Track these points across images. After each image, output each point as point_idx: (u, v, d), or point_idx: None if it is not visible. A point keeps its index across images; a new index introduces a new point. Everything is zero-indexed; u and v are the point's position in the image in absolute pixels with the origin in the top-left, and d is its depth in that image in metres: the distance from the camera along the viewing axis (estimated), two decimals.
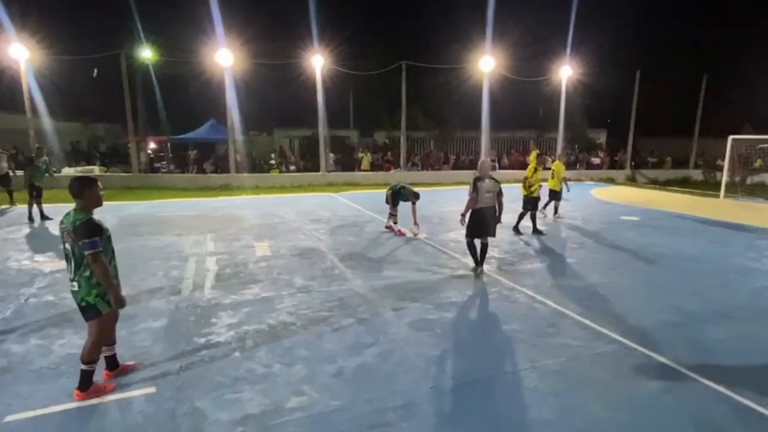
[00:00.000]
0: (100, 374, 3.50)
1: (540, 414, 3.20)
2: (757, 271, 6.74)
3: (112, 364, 3.60)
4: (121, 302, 3.31)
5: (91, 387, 3.31)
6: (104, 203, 3.38)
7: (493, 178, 6.12)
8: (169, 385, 3.49)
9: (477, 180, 6.04)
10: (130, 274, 6.14)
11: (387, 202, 9.20)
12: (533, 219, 9.28)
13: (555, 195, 10.73)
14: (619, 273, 6.65)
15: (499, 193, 6.14)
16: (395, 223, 9.15)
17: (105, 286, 3.19)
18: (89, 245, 3.08)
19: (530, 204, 9.28)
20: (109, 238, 3.32)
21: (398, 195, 9.02)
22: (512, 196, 9.11)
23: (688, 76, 23.96)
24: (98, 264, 3.11)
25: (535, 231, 9.12)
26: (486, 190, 6.05)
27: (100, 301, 3.24)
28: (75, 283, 3.22)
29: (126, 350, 4.04)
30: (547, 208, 10.99)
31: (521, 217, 9.24)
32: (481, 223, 6.17)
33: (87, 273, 3.18)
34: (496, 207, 6.18)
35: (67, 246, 3.20)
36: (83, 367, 3.27)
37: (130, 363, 3.74)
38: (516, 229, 9.14)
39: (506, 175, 21.24)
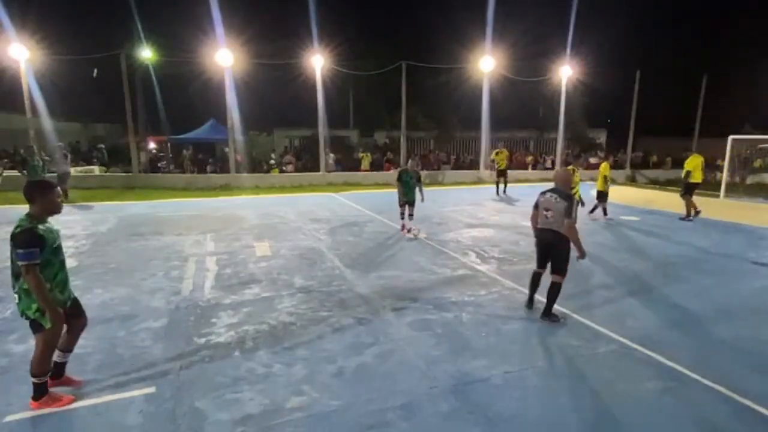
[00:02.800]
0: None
1: (540, 414, 3.20)
2: (757, 271, 6.74)
3: (58, 372, 3.38)
4: (54, 320, 3.01)
5: (46, 396, 3.17)
6: (105, 203, 3.36)
7: (558, 193, 4.72)
8: (169, 385, 3.49)
9: (569, 197, 4.70)
10: (130, 274, 6.14)
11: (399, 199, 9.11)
12: None
13: (603, 196, 10.69)
14: (619, 273, 6.65)
15: (568, 211, 4.54)
16: (402, 218, 9.13)
17: (40, 302, 2.96)
18: (23, 256, 2.87)
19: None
20: (56, 249, 3.10)
21: (402, 175, 8.95)
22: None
23: (688, 76, 23.97)
24: (31, 276, 2.88)
25: None
26: (545, 206, 4.80)
27: (40, 316, 3.02)
28: (16, 296, 3.03)
29: (126, 350, 4.04)
30: (596, 211, 10.88)
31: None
32: (539, 248, 5.06)
33: (25, 285, 2.97)
34: (558, 230, 4.66)
35: (10, 253, 3.01)
36: (33, 379, 3.12)
37: (77, 379, 3.47)
38: None
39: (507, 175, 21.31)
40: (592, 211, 10.82)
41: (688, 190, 10.98)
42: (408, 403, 3.31)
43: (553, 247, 4.77)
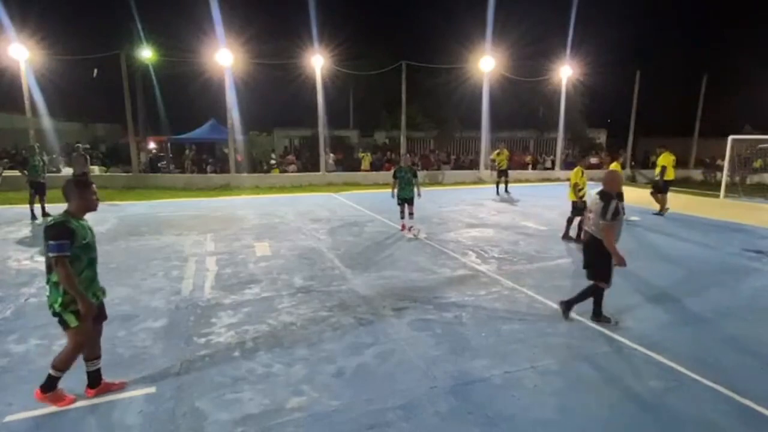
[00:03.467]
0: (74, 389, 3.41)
1: (540, 414, 3.21)
2: (757, 271, 6.74)
3: (95, 380, 3.35)
4: (87, 311, 3.03)
5: (52, 392, 3.18)
6: (104, 203, 3.35)
7: (600, 194, 4.53)
8: (169, 385, 3.49)
9: (609, 197, 4.47)
10: (130, 274, 6.14)
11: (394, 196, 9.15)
12: (570, 224, 8.59)
13: (619, 197, 10.60)
14: (619, 273, 6.61)
15: (603, 212, 4.36)
16: (402, 217, 9.13)
17: (70, 294, 2.99)
18: (53, 247, 2.92)
19: (582, 208, 8.43)
20: (87, 246, 3.11)
21: (398, 172, 8.99)
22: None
23: (688, 76, 23.97)
24: (60, 268, 2.92)
25: (568, 237, 8.51)
26: (589, 208, 4.71)
27: (65, 311, 3.04)
28: (47, 288, 3.08)
29: (126, 350, 4.04)
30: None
31: (570, 222, 8.56)
32: (582, 251, 4.85)
33: (55, 278, 3.01)
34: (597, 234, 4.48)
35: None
36: (50, 371, 3.15)
37: (116, 382, 3.46)
38: (569, 237, 8.46)
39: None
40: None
41: (665, 187, 11.14)
42: (408, 403, 3.31)
43: (590, 251, 4.60)
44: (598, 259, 4.49)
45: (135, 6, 22.89)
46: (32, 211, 10.17)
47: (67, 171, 17.69)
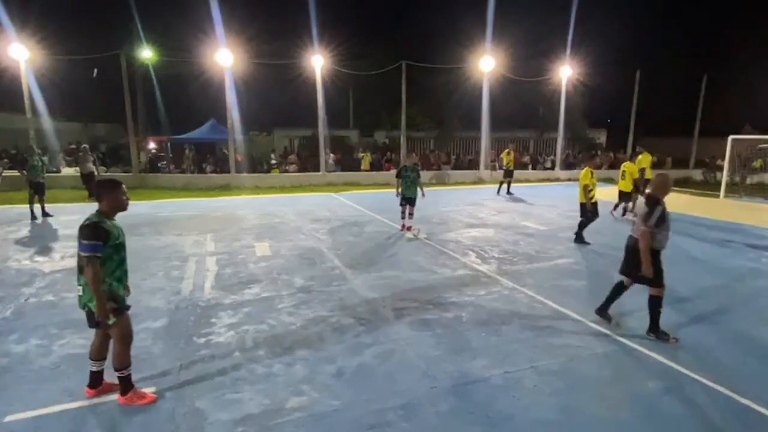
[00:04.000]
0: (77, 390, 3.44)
1: (540, 414, 3.21)
2: (757, 271, 6.74)
3: (96, 381, 3.35)
4: (102, 315, 3.03)
5: (132, 391, 3.26)
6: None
7: (647, 197, 4.44)
8: (169, 385, 3.49)
9: (655, 202, 4.29)
10: (130, 274, 6.12)
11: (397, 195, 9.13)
12: (583, 228, 8.36)
13: (627, 197, 10.75)
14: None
15: (646, 217, 4.23)
16: (403, 218, 9.13)
17: (92, 293, 3.01)
18: (85, 247, 2.97)
19: (592, 212, 8.26)
20: (119, 245, 3.19)
21: (402, 171, 9.00)
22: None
23: (688, 76, 23.98)
24: (90, 268, 2.96)
25: (583, 241, 8.27)
26: (635, 212, 4.68)
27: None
28: (80, 287, 3.12)
29: None
30: (617, 210, 10.99)
31: (584, 226, 8.33)
32: (624, 252, 4.62)
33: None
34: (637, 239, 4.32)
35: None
36: (117, 375, 3.23)
37: (116, 383, 3.37)
38: (581, 240, 8.27)
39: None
40: (615, 208, 10.95)
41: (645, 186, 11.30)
42: (408, 403, 3.31)
43: (631, 254, 4.39)
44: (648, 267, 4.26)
45: (135, 6, 22.92)
46: (32, 211, 10.17)
47: (67, 171, 17.74)
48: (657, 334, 4.38)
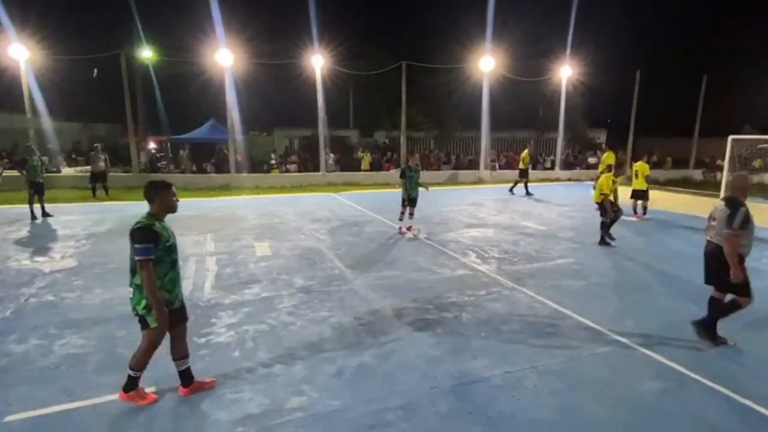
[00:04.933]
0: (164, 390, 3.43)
1: (540, 414, 3.21)
2: (757, 271, 6.73)
3: (187, 378, 3.39)
4: (159, 318, 3.07)
5: (134, 390, 3.25)
6: (105, 203, 3.34)
7: (726, 200, 4.23)
8: (169, 385, 3.49)
9: (737, 204, 4.08)
10: (129, 274, 6.12)
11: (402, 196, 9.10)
12: (607, 228, 8.23)
13: (644, 195, 10.84)
14: (619, 273, 6.65)
15: (729, 220, 3.99)
16: (401, 219, 9.12)
17: (148, 297, 3.05)
18: (140, 251, 2.99)
19: (616, 210, 8.22)
20: (170, 247, 3.18)
21: (406, 171, 8.98)
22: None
23: (688, 76, 23.97)
24: (144, 272, 2.99)
25: (604, 240, 8.18)
26: (713, 215, 4.29)
27: (148, 313, 3.09)
28: (131, 290, 3.14)
29: (126, 350, 4.03)
30: (639, 211, 11.06)
31: (607, 226, 8.18)
32: (704, 262, 4.38)
33: (138, 281, 3.08)
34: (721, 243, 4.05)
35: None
36: (129, 372, 3.21)
37: (209, 380, 3.50)
38: (605, 241, 8.14)
39: (505, 175, 21.31)
40: (640, 210, 11.02)
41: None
42: (408, 403, 3.31)
43: (717, 262, 4.12)
44: (726, 270, 4.02)
45: (135, 6, 22.89)
46: (32, 211, 10.17)
47: (67, 171, 17.74)
48: (711, 337, 4.22)
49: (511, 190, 15.71)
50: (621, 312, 5.05)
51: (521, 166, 15.62)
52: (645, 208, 11.02)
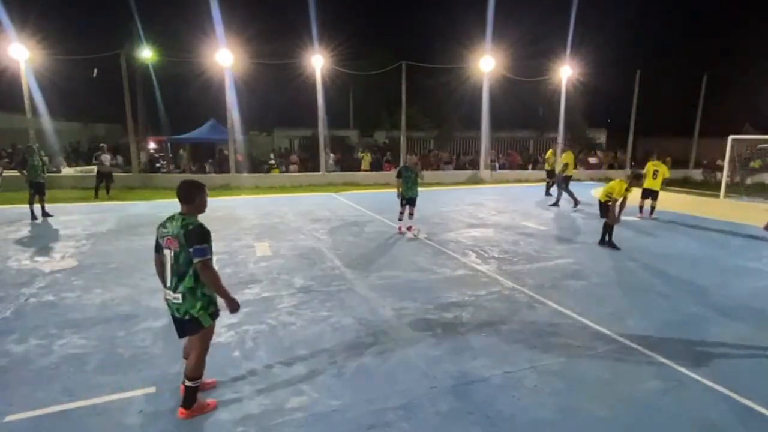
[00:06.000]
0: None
1: (540, 414, 3.21)
2: (757, 271, 6.74)
3: (193, 400, 3.20)
4: (234, 305, 3.06)
5: (196, 404, 3.14)
6: (105, 203, 3.35)
7: None
8: (169, 385, 3.49)
9: None
10: (130, 274, 6.14)
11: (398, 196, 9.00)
12: (610, 230, 7.98)
13: (656, 195, 10.97)
14: (619, 273, 6.65)
15: None
16: (400, 219, 9.11)
17: (217, 295, 3.01)
18: (201, 252, 2.89)
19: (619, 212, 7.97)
20: (211, 246, 3.08)
21: (403, 171, 8.89)
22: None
23: (688, 76, 23.96)
24: (210, 271, 2.91)
25: (611, 244, 7.95)
26: None
27: (204, 314, 3.02)
28: (179, 295, 2.98)
29: (126, 350, 4.04)
30: (645, 211, 11.15)
31: (611, 229, 7.97)
32: None
33: (190, 284, 2.96)
34: None
35: (168, 253, 2.99)
36: (188, 383, 3.09)
37: (209, 381, 3.43)
38: (606, 242, 7.99)
39: (505, 175, 21.32)
40: (646, 211, 11.10)
41: (565, 181, 12.00)
42: (408, 403, 3.31)
43: None
44: None
45: (135, 6, 22.88)
46: (32, 211, 10.17)
47: (67, 171, 17.74)
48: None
49: (547, 192, 15.41)
50: (621, 312, 5.05)
51: (546, 167, 15.64)
52: (653, 209, 11.05)
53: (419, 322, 4.73)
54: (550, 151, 16.06)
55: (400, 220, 9.13)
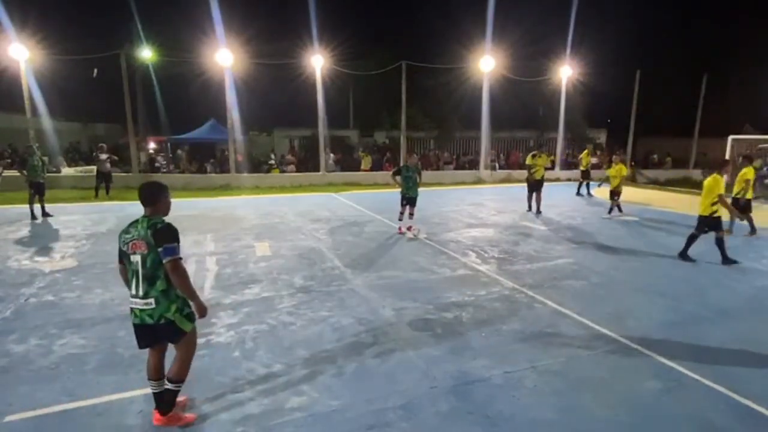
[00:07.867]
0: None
1: (540, 414, 3.21)
2: (757, 271, 6.74)
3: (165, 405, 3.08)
4: (202, 310, 2.96)
5: (172, 413, 3.02)
6: (105, 203, 3.34)
7: None
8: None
9: None
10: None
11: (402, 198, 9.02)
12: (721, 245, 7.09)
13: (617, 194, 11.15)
14: (619, 273, 6.65)
15: None
16: (400, 219, 9.11)
17: (186, 297, 2.90)
18: (171, 250, 2.78)
19: (711, 224, 7.11)
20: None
21: (403, 170, 8.92)
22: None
23: (688, 76, 23.96)
24: (180, 271, 2.80)
25: (727, 261, 7.03)
26: None
27: (179, 316, 2.90)
28: (150, 300, 2.84)
29: (126, 350, 4.04)
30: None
31: (694, 239, 7.33)
32: None
33: (162, 286, 2.84)
34: None
35: (135, 258, 2.85)
36: (169, 386, 2.99)
37: (181, 398, 3.19)
38: (685, 256, 7.30)
39: (504, 175, 21.32)
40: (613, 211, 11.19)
41: (539, 185, 11.81)
42: (408, 403, 3.31)
43: None
44: None
45: (135, 6, 22.90)
46: (32, 211, 10.17)
47: (67, 171, 17.73)
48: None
49: (588, 193, 15.55)
50: (621, 312, 5.05)
51: (581, 167, 15.97)
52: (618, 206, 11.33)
53: (419, 322, 4.73)
54: (586, 151, 16.56)
55: (400, 220, 9.13)
